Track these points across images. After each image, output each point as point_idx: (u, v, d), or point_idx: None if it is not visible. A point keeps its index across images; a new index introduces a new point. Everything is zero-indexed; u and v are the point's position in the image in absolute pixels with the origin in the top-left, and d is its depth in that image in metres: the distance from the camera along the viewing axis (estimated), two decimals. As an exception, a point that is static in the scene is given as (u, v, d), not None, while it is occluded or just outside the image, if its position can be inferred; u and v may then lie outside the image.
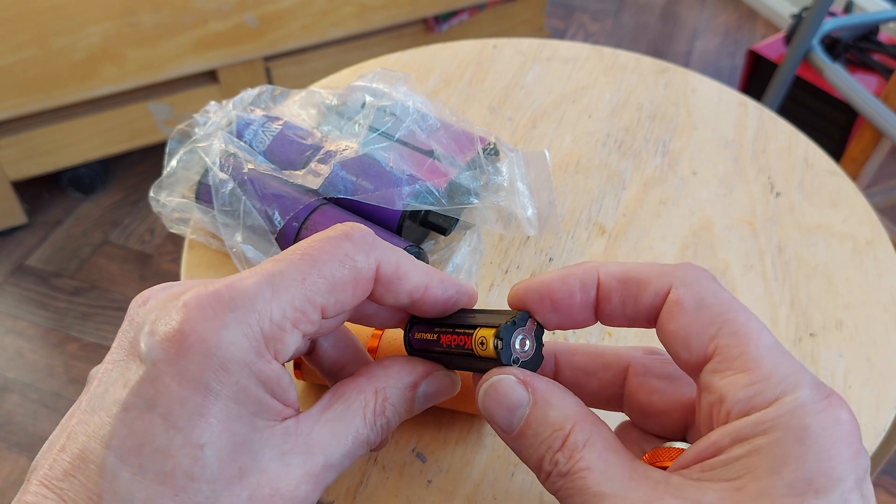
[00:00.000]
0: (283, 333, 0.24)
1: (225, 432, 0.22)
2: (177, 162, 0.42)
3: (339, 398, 0.26)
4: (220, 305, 0.23)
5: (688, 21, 1.92)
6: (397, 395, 0.27)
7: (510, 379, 0.25)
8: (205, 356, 0.22)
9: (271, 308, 0.23)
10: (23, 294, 1.25)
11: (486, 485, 0.33)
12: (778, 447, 0.21)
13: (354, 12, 1.31)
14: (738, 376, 0.23)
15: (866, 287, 0.43)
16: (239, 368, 0.22)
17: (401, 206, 0.39)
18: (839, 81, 1.05)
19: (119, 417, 0.22)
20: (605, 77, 0.56)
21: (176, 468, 0.21)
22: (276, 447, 0.24)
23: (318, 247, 0.25)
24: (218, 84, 1.31)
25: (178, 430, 0.22)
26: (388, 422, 0.27)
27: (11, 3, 1.08)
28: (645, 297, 0.25)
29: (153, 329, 0.23)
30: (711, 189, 0.48)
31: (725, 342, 0.23)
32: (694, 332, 0.24)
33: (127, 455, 0.21)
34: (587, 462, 0.23)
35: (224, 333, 0.22)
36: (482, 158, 0.42)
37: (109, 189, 1.42)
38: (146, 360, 0.22)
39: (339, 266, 0.25)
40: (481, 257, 0.43)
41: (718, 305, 0.24)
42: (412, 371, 0.28)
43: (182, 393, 0.22)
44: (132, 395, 0.22)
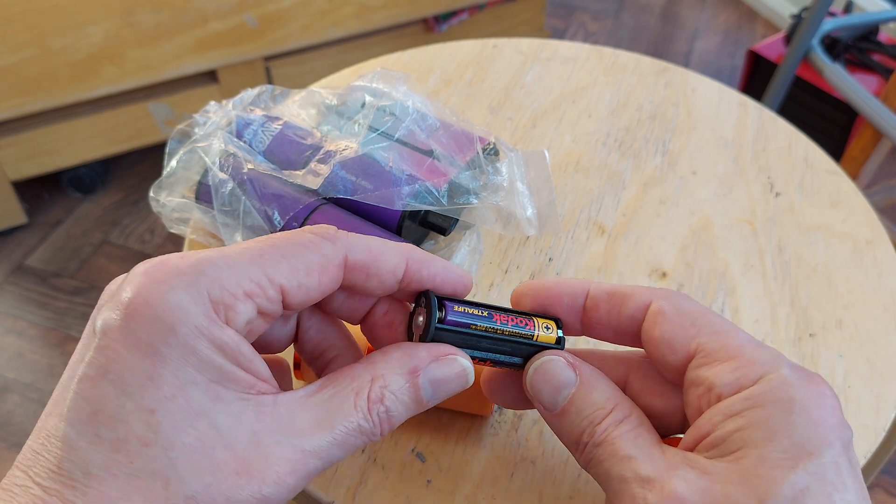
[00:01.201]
0: (234, 300, 0.23)
1: (178, 397, 0.22)
2: (177, 162, 0.42)
3: (331, 383, 0.25)
4: (168, 271, 0.23)
5: (688, 21, 1.92)
6: (397, 382, 0.25)
7: (561, 360, 0.27)
8: (151, 320, 0.22)
9: (221, 274, 0.23)
10: (23, 294, 1.25)
11: (486, 485, 0.33)
12: (770, 418, 0.23)
13: (354, 12, 1.31)
14: (723, 364, 0.25)
15: (866, 287, 0.43)
16: (187, 330, 0.22)
17: (400, 206, 0.39)
18: (839, 81, 1.05)
19: (73, 389, 0.22)
20: (605, 77, 0.56)
21: (129, 434, 0.21)
22: (248, 423, 0.23)
23: (284, 235, 0.25)
24: (218, 84, 1.31)
25: (129, 395, 0.21)
26: (387, 411, 0.25)
27: (11, 3, 1.08)
28: (628, 308, 0.28)
29: (108, 303, 0.23)
30: (711, 189, 0.48)
31: (706, 339, 0.26)
32: (677, 335, 0.27)
33: (83, 425, 0.21)
34: (620, 432, 0.26)
35: (169, 296, 0.22)
36: (482, 158, 0.42)
37: (109, 189, 1.42)
38: (99, 331, 0.22)
39: (301, 249, 0.25)
40: (481, 257, 0.42)
41: (695, 312, 0.27)
42: (414, 355, 0.26)
43: (131, 358, 0.22)
44: (87, 366, 0.22)
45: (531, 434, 0.35)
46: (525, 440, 0.34)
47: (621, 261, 0.43)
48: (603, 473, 0.25)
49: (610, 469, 0.25)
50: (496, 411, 0.35)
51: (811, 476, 0.22)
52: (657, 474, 0.24)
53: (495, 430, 0.35)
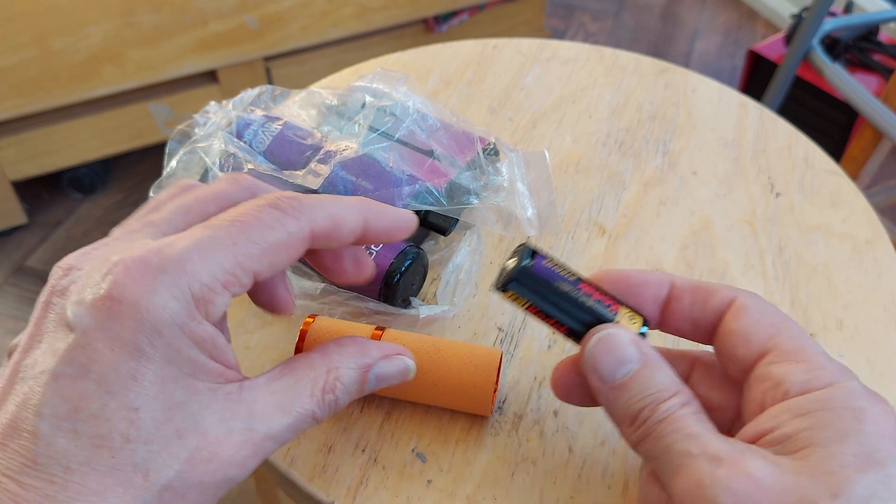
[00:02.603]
0: (213, 295, 0.24)
1: (160, 394, 0.23)
2: (177, 162, 0.42)
3: (290, 371, 0.27)
4: (149, 270, 0.23)
5: (688, 21, 1.92)
6: (349, 375, 0.28)
7: (628, 335, 0.28)
8: (136, 320, 0.22)
9: (200, 271, 0.23)
10: (23, 295, 1.25)
11: (486, 485, 0.33)
12: (840, 422, 0.24)
13: (354, 13, 1.31)
14: (795, 365, 0.26)
15: (866, 287, 0.43)
16: (171, 330, 0.23)
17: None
18: (839, 81, 1.05)
19: (49, 385, 0.22)
20: (606, 77, 0.56)
21: (112, 431, 0.22)
22: (218, 412, 0.24)
23: (249, 213, 0.25)
24: (218, 84, 1.31)
25: (113, 394, 0.22)
26: (336, 399, 0.27)
27: (11, 3, 1.08)
28: (713, 301, 0.29)
29: (81, 297, 0.23)
30: (711, 189, 0.48)
31: (784, 341, 0.27)
32: (755, 331, 0.27)
33: (61, 421, 0.22)
34: (685, 412, 0.26)
35: (154, 297, 0.22)
36: (482, 159, 0.42)
37: (109, 189, 1.42)
38: (76, 327, 0.22)
39: (269, 231, 0.25)
40: (481, 257, 0.43)
41: (777, 316, 0.28)
42: (367, 353, 0.29)
43: (115, 357, 0.22)
44: (62, 362, 0.22)
45: (532, 434, 0.35)
46: (526, 440, 0.34)
47: (621, 261, 0.43)
48: (662, 448, 0.25)
49: (673, 444, 0.25)
50: (496, 411, 0.35)
51: (879, 483, 0.23)
52: (727, 454, 0.24)
53: (496, 431, 0.35)
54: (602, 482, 0.33)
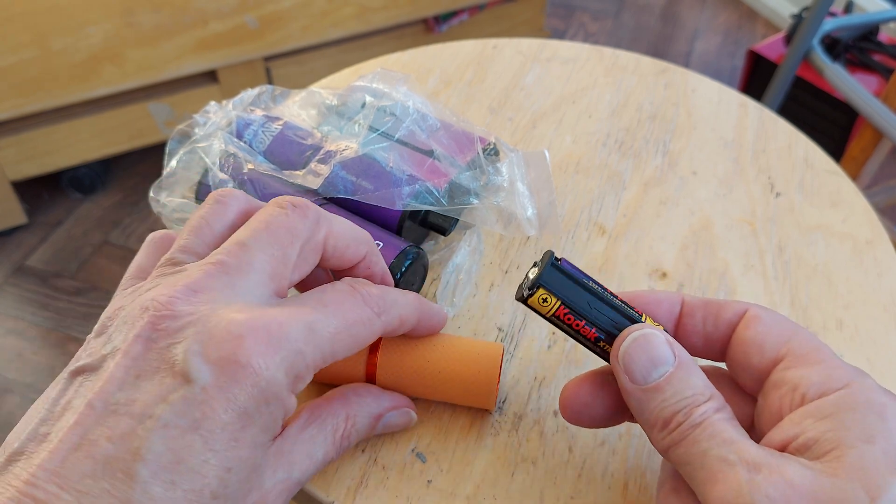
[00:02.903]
0: (308, 374, 0.26)
1: (250, 458, 0.24)
2: (177, 162, 0.42)
3: (315, 419, 0.29)
4: (272, 342, 0.24)
5: (688, 21, 1.92)
6: (364, 422, 0.31)
7: (662, 337, 0.27)
8: (254, 387, 0.24)
9: (307, 353, 0.25)
10: (23, 295, 1.25)
11: (486, 485, 0.33)
12: (864, 421, 0.23)
13: (354, 13, 1.31)
14: (811, 368, 0.26)
15: (866, 287, 0.43)
16: (275, 401, 0.24)
17: (401, 206, 0.39)
18: (839, 81, 1.05)
19: (157, 432, 0.22)
20: (605, 77, 0.56)
21: (205, 487, 0.23)
22: (270, 465, 0.26)
23: (353, 309, 0.28)
24: (218, 84, 1.31)
25: (215, 452, 0.23)
26: (349, 443, 0.30)
27: (11, 3, 1.08)
28: (725, 315, 0.29)
29: (202, 350, 0.23)
30: (711, 189, 0.48)
31: (797, 345, 0.27)
32: (769, 338, 0.27)
33: (161, 470, 0.22)
34: (721, 417, 0.26)
35: (273, 371, 0.24)
36: (482, 159, 0.42)
37: (109, 189, 1.42)
38: (194, 380, 0.23)
39: (363, 329, 0.28)
40: (481, 257, 0.43)
41: (789, 324, 0.28)
42: (381, 403, 0.32)
43: (225, 418, 0.23)
44: (174, 413, 0.22)
45: (532, 434, 0.35)
46: (526, 440, 0.34)
47: (621, 261, 0.43)
48: (697, 454, 0.25)
49: (709, 450, 0.25)
50: (496, 411, 0.35)
51: None
52: (765, 460, 0.24)
53: (496, 430, 0.35)
54: (602, 482, 0.33)
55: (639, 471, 0.34)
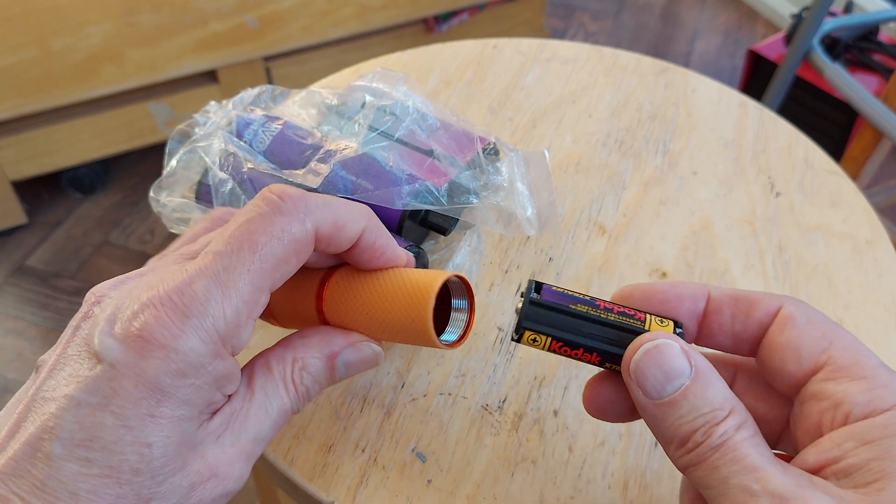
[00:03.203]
0: (238, 329, 0.24)
1: (173, 432, 0.23)
2: (177, 162, 0.42)
3: (261, 370, 0.27)
4: (176, 313, 0.23)
5: (688, 21, 1.92)
6: (316, 364, 0.28)
7: (677, 347, 0.25)
8: (163, 361, 0.23)
9: (224, 309, 0.24)
10: (23, 295, 1.25)
11: (486, 485, 0.33)
12: None
13: (354, 13, 1.31)
14: (855, 383, 0.23)
15: (866, 287, 0.43)
16: (194, 372, 0.23)
17: (400, 205, 0.39)
18: (839, 81, 1.05)
19: (69, 411, 0.22)
20: (606, 77, 0.56)
21: (122, 463, 0.22)
22: (213, 433, 0.25)
23: (254, 229, 0.25)
24: (218, 84, 1.31)
25: (129, 428, 0.22)
26: (307, 390, 0.28)
27: (12, 3, 1.08)
28: (756, 313, 0.26)
29: (110, 329, 0.23)
30: (711, 189, 0.48)
31: (839, 353, 0.24)
32: (806, 343, 0.25)
33: (75, 448, 0.22)
34: (742, 438, 0.23)
35: (182, 342, 0.23)
36: (482, 158, 0.42)
37: (109, 189, 1.42)
38: (103, 358, 0.23)
39: (278, 243, 0.25)
40: (481, 257, 0.42)
41: (827, 325, 0.25)
42: (331, 342, 0.28)
43: (136, 394, 0.22)
44: (85, 390, 0.23)
45: (532, 434, 0.35)
46: (526, 440, 0.34)
47: (622, 261, 0.43)
48: (719, 479, 0.23)
49: (730, 477, 0.23)
50: (496, 410, 0.35)
51: None
52: (791, 492, 0.22)
53: (496, 430, 0.35)
54: (602, 482, 0.33)
55: (639, 471, 0.34)
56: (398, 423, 0.35)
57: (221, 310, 0.24)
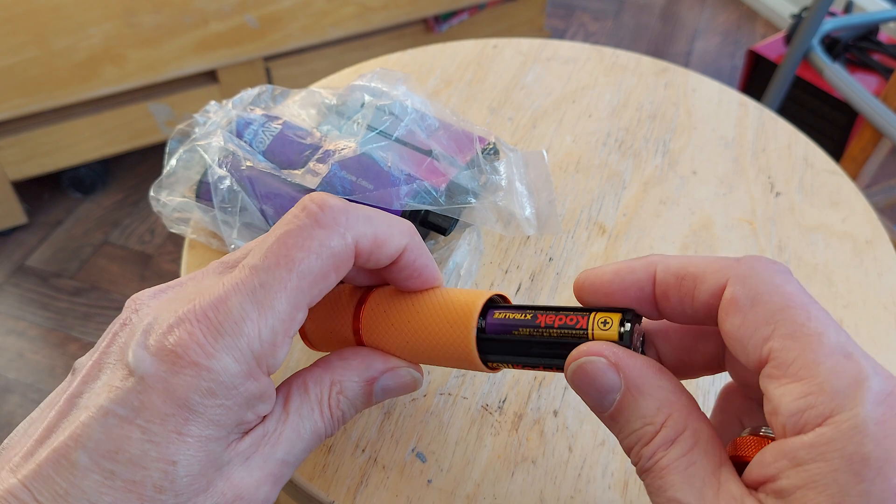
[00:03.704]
0: (274, 348, 0.24)
1: (200, 451, 0.23)
2: (177, 161, 0.42)
3: (297, 390, 0.26)
4: (210, 331, 0.23)
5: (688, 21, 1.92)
6: (354, 388, 0.27)
7: (601, 362, 0.23)
8: (195, 378, 0.22)
9: (259, 328, 0.23)
10: (23, 295, 1.25)
11: (486, 485, 0.33)
12: (835, 482, 0.19)
13: (354, 13, 1.31)
14: (791, 386, 0.20)
15: (866, 287, 0.43)
16: (225, 391, 0.23)
17: (399, 205, 0.39)
18: (839, 81, 1.05)
19: (99, 421, 0.22)
20: (606, 77, 0.56)
21: (146, 479, 0.22)
22: (242, 454, 0.24)
23: (291, 243, 0.24)
24: (218, 84, 1.31)
25: (154, 444, 0.22)
26: (342, 414, 0.27)
27: (12, 3, 1.08)
28: (700, 295, 0.23)
29: (145, 342, 0.23)
30: (711, 189, 0.48)
31: (780, 345, 0.21)
32: (747, 334, 0.22)
33: (100, 458, 0.22)
34: (669, 460, 0.22)
35: (215, 361, 0.23)
36: (481, 158, 0.42)
37: (109, 189, 1.42)
38: (135, 371, 0.23)
39: (316, 259, 0.24)
40: (481, 257, 0.42)
41: (776, 302, 0.22)
42: (371, 366, 0.28)
43: (164, 410, 0.22)
44: (115, 402, 0.22)
45: (532, 434, 0.35)
46: (526, 440, 0.34)
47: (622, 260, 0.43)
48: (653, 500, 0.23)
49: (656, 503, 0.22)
50: (497, 410, 0.35)
51: None
52: None
53: (496, 430, 0.35)
54: (602, 482, 0.33)
55: (639, 470, 0.34)
56: (398, 423, 0.35)
57: (257, 329, 0.23)
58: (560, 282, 0.42)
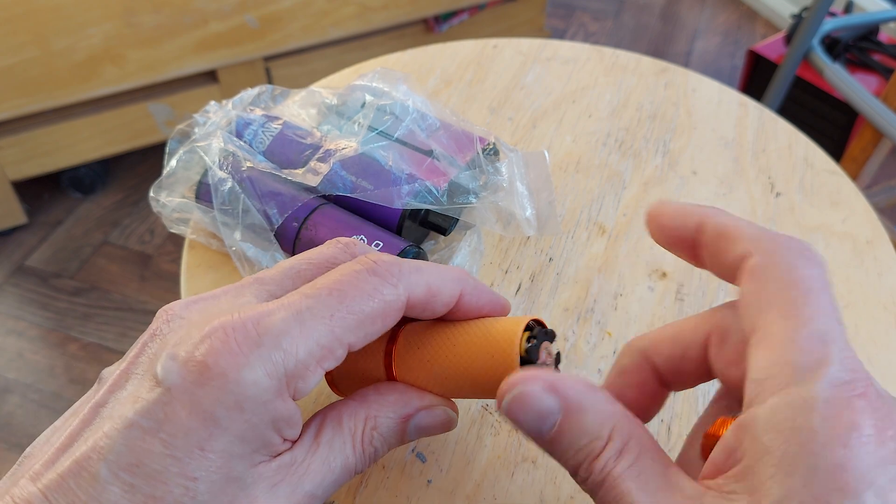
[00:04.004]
0: (306, 371, 0.23)
1: (222, 468, 0.22)
2: (176, 161, 0.42)
3: (330, 423, 0.26)
4: (246, 341, 0.22)
5: (688, 21, 1.92)
6: (389, 425, 0.27)
7: (538, 387, 0.23)
8: (221, 391, 0.22)
9: (297, 346, 0.23)
10: (23, 295, 1.25)
11: (486, 485, 0.33)
12: (786, 452, 0.19)
13: (354, 13, 1.31)
14: (764, 354, 0.21)
15: (866, 287, 0.43)
16: (253, 407, 0.22)
17: (400, 204, 0.39)
18: (839, 81, 1.05)
19: (122, 433, 0.22)
20: (606, 77, 0.56)
21: (166, 494, 0.21)
22: (268, 479, 0.23)
23: (346, 281, 0.25)
24: (218, 84, 1.31)
25: (176, 459, 0.22)
26: (375, 451, 0.26)
27: (12, 3, 1.08)
28: (728, 256, 0.24)
29: (174, 353, 0.23)
30: (711, 189, 0.48)
31: (770, 319, 0.21)
32: (752, 302, 0.22)
33: (121, 471, 0.21)
34: (621, 469, 0.22)
35: (246, 372, 0.22)
36: (481, 158, 0.42)
37: (109, 189, 1.42)
38: (162, 382, 0.22)
39: (367, 300, 0.25)
40: (482, 257, 0.43)
41: (786, 280, 0.22)
42: (408, 403, 0.27)
43: (189, 423, 0.22)
44: (140, 413, 0.22)
45: (531, 434, 0.35)
46: (526, 440, 0.34)
47: (621, 261, 0.43)
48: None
49: None
50: (496, 410, 0.35)
51: None
52: None
53: (496, 430, 0.35)
54: (602, 482, 0.33)
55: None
56: (398, 422, 0.35)
57: (295, 347, 0.23)
58: (560, 282, 0.42)
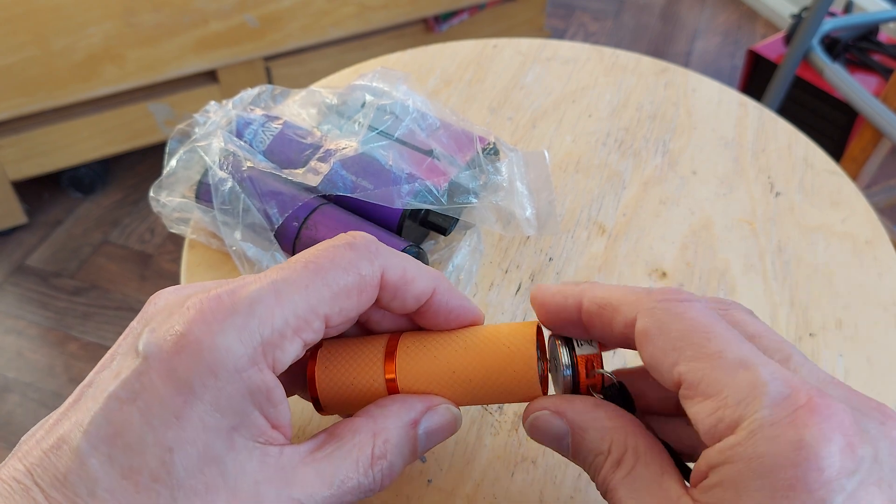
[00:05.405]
0: (283, 340, 0.23)
1: (197, 441, 0.22)
2: (177, 161, 0.42)
3: (333, 438, 0.25)
4: (221, 310, 0.23)
5: (688, 21, 1.92)
6: (399, 434, 0.26)
7: (546, 413, 0.26)
8: (195, 358, 0.22)
9: (273, 314, 0.23)
10: (23, 294, 1.25)
11: (486, 484, 0.33)
12: (739, 482, 0.21)
13: (354, 12, 1.31)
14: (703, 404, 0.22)
15: (866, 287, 0.43)
16: (228, 374, 0.22)
17: (400, 204, 0.39)
18: (839, 81, 1.05)
19: (102, 405, 0.22)
20: (606, 77, 0.56)
21: (142, 466, 0.21)
22: (251, 473, 0.23)
23: (322, 255, 0.25)
24: (218, 84, 1.31)
25: (153, 428, 0.22)
26: (390, 465, 0.26)
27: (12, 3, 1.08)
28: (617, 325, 0.25)
29: (154, 326, 0.23)
30: (711, 189, 0.48)
31: (686, 368, 0.23)
32: (659, 361, 0.24)
33: (99, 443, 0.22)
34: (618, 480, 0.24)
35: (220, 338, 0.22)
36: (481, 158, 0.42)
37: (109, 189, 1.42)
38: (140, 354, 0.23)
39: (343, 273, 0.25)
40: (482, 257, 0.43)
41: (679, 329, 0.23)
42: (412, 407, 0.27)
43: (164, 391, 0.22)
44: (120, 386, 0.22)
45: (531, 434, 0.35)
46: (525, 439, 0.34)
47: (621, 260, 0.43)
48: None
49: None
50: (496, 410, 0.35)
51: None
52: None
53: (496, 430, 0.35)
54: (602, 482, 0.33)
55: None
56: (398, 422, 0.35)
57: (270, 315, 0.23)
58: (560, 281, 0.42)
